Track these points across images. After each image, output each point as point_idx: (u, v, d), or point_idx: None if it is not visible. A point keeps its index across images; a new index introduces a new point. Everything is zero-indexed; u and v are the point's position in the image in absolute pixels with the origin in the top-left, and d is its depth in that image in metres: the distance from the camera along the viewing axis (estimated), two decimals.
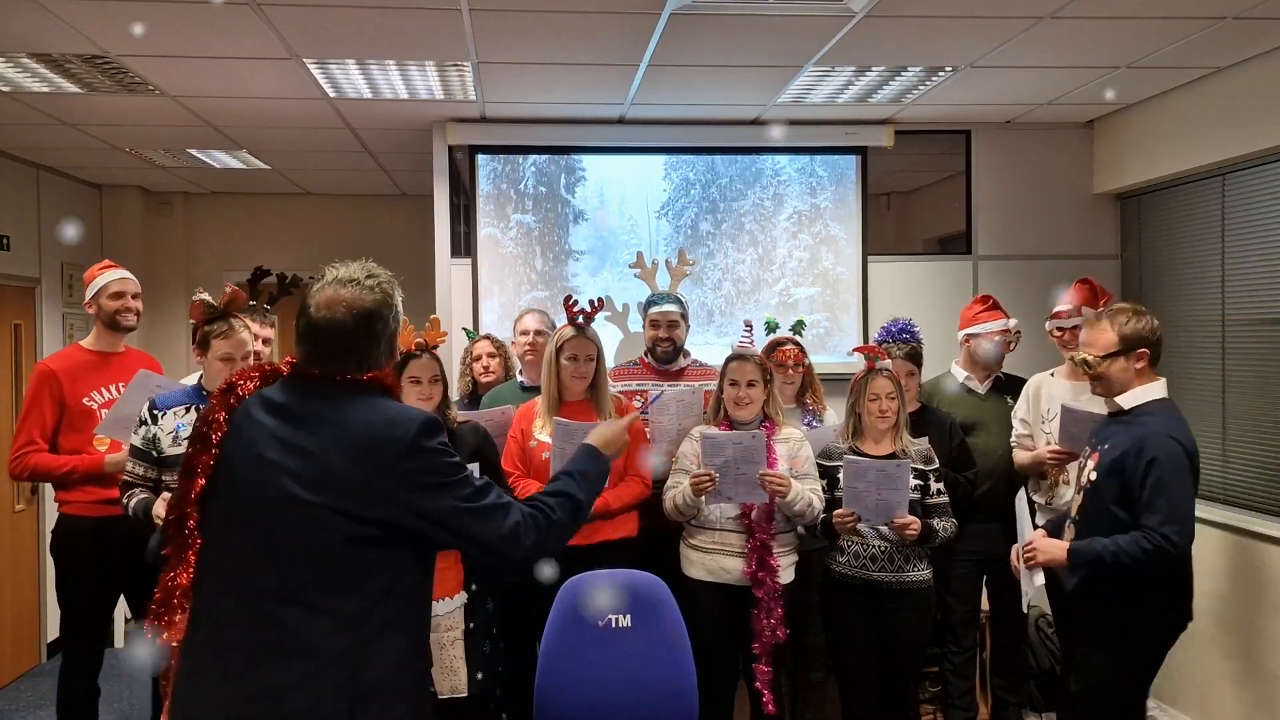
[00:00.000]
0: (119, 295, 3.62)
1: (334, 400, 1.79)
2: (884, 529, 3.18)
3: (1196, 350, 4.28)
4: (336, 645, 1.69)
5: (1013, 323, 3.91)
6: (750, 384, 3.28)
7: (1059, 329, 3.74)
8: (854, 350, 3.63)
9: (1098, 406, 3.11)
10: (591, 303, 3.45)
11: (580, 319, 3.39)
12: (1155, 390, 2.81)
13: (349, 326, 1.83)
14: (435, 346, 3.13)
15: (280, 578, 1.70)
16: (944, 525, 3.23)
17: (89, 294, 3.64)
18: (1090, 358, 2.82)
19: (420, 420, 1.79)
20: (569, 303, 3.43)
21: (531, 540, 1.83)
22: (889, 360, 3.42)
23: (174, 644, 1.81)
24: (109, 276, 3.63)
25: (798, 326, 3.78)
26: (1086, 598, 2.81)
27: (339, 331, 1.82)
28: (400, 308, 1.95)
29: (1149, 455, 2.67)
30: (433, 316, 3.28)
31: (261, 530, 1.73)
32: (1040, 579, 2.90)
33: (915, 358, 3.75)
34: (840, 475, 3.23)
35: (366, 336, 1.85)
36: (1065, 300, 3.77)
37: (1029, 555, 2.90)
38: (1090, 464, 2.86)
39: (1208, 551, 4.02)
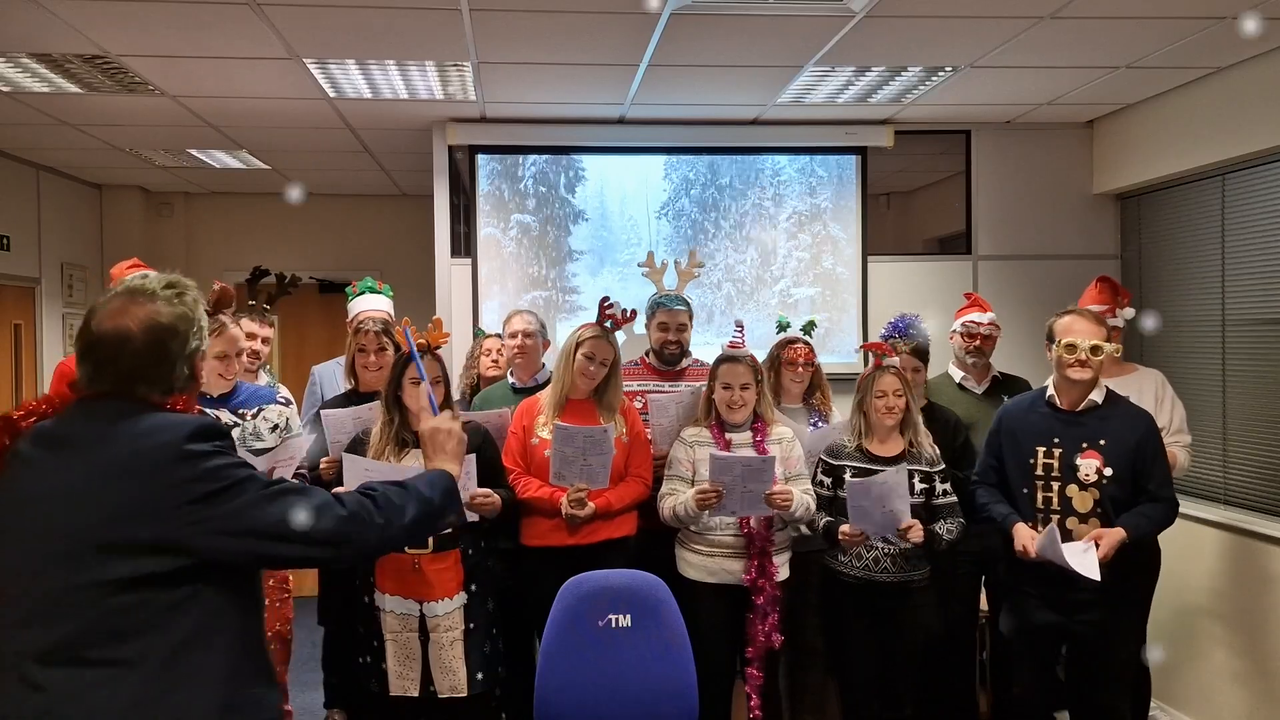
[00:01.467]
0: None
1: (107, 420, 1.57)
2: (890, 536, 3.17)
3: (1196, 350, 4.28)
4: (118, 704, 1.47)
5: (986, 316, 3.90)
6: (744, 387, 3.27)
7: None
8: (861, 347, 3.61)
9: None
10: (624, 311, 3.46)
11: (609, 323, 3.40)
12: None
13: (138, 345, 1.60)
14: (437, 347, 3.13)
15: (43, 633, 1.48)
16: (948, 528, 3.22)
17: None
18: (1100, 344, 2.99)
19: (193, 423, 1.57)
20: (604, 303, 3.45)
21: (339, 515, 1.62)
22: (897, 358, 3.41)
23: None
24: (131, 277, 3.65)
25: (809, 327, 3.76)
26: (1117, 572, 2.94)
27: (124, 350, 1.60)
28: (205, 323, 1.72)
29: (1153, 438, 3.02)
30: (435, 317, 3.28)
31: (22, 580, 1.51)
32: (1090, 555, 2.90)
33: (921, 354, 3.73)
34: (849, 478, 3.21)
35: (159, 357, 1.62)
36: (1087, 299, 3.73)
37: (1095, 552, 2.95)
38: (1093, 462, 2.96)
39: (1208, 552, 4.02)
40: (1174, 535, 4.02)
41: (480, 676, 2.97)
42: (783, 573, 3.28)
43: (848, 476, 3.24)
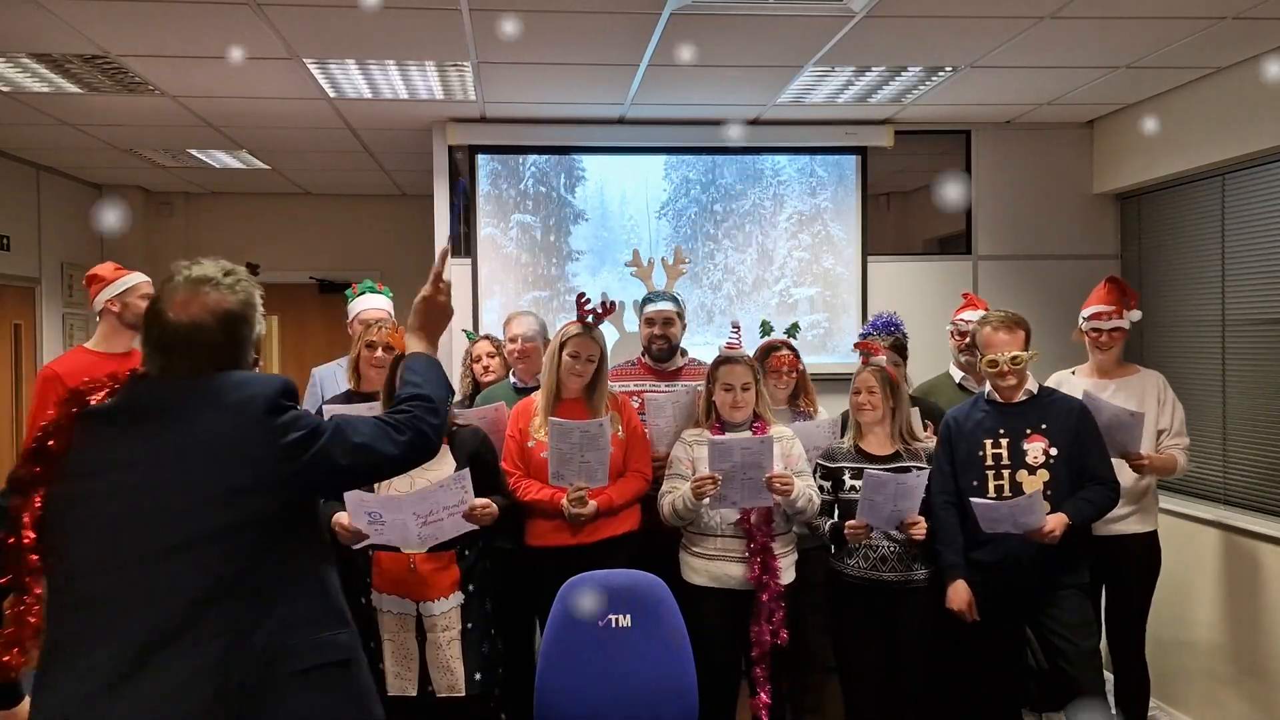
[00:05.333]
0: (148, 297, 3.54)
1: (189, 388, 1.70)
2: (893, 531, 3.19)
3: (1196, 350, 4.28)
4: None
5: (978, 314, 3.89)
6: (744, 387, 3.28)
7: (1095, 330, 3.62)
8: (855, 346, 3.64)
9: (1120, 401, 3.41)
10: (603, 304, 3.45)
11: (590, 318, 3.39)
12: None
13: (215, 333, 1.71)
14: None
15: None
16: None
17: (114, 291, 3.50)
18: (1019, 355, 3.15)
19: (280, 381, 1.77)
20: (581, 299, 3.43)
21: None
22: (882, 355, 3.43)
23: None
24: (138, 278, 3.54)
25: (793, 330, 3.77)
26: (1070, 560, 3.12)
27: (201, 338, 1.70)
28: (262, 308, 1.83)
29: (1088, 421, 3.18)
30: (391, 320, 3.24)
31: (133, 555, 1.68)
32: None
33: (898, 349, 3.78)
34: (848, 479, 3.23)
35: (232, 341, 1.74)
36: (1095, 299, 3.72)
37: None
38: (1039, 445, 3.13)
39: (1208, 552, 4.02)
40: (1174, 535, 4.03)
41: (479, 676, 2.97)
42: (788, 575, 3.28)
43: (847, 479, 3.25)
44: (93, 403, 1.71)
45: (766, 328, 3.76)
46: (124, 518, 1.61)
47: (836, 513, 3.27)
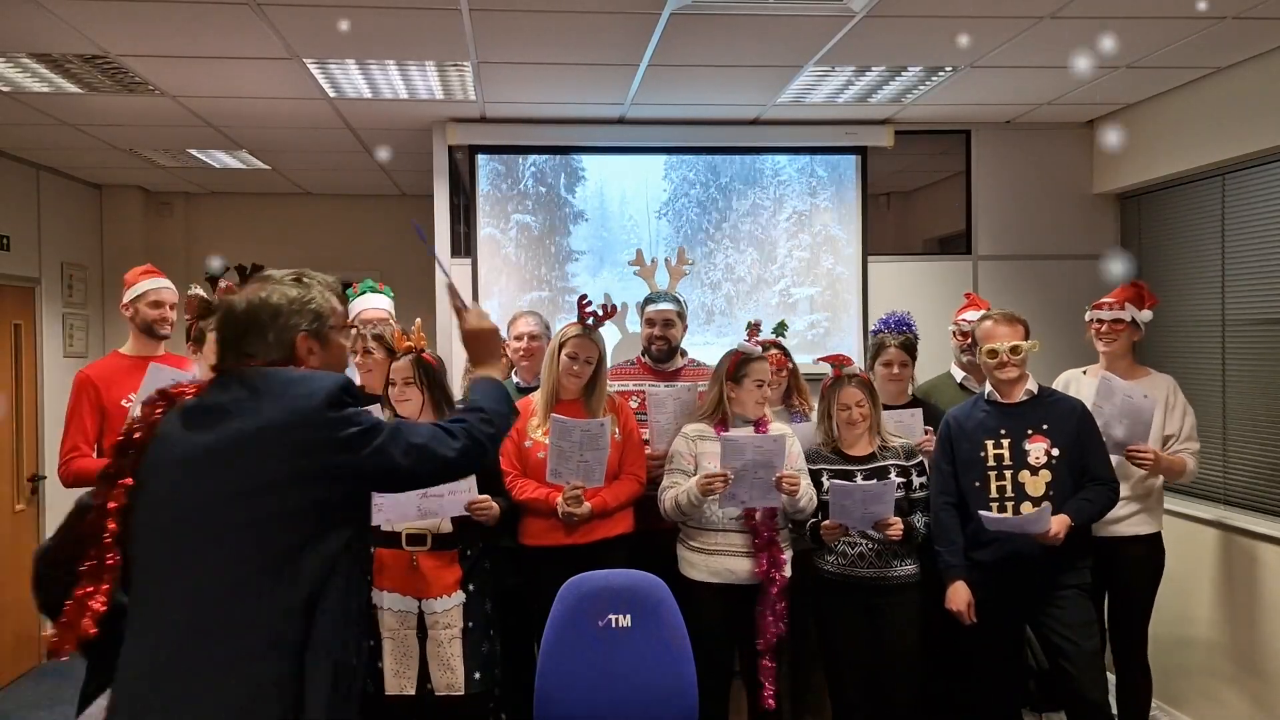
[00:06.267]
0: (158, 304, 3.60)
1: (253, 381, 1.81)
2: (870, 531, 3.21)
3: (1196, 350, 4.28)
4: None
5: (979, 314, 3.90)
6: (770, 384, 3.34)
7: (1099, 320, 3.61)
8: (819, 359, 3.63)
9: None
10: (604, 307, 3.46)
11: (590, 320, 3.40)
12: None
13: (237, 316, 1.86)
14: (421, 350, 3.14)
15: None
16: (925, 521, 3.27)
17: (128, 297, 3.61)
18: (1019, 344, 3.16)
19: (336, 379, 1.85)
20: (583, 301, 3.43)
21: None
22: (855, 366, 3.46)
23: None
24: (151, 284, 3.62)
25: (780, 329, 3.77)
26: (1071, 560, 3.12)
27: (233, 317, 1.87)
28: (319, 306, 1.92)
29: (1089, 422, 3.19)
30: (417, 320, 3.26)
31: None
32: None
33: (910, 349, 3.79)
34: (826, 481, 3.25)
35: (254, 326, 1.86)
36: (1111, 294, 3.71)
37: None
38: (1040, 445, 3.13)
39: (1208, 552, 4.02)
40: (1174, 535, 4.03)
41: (478, 676, 2.97)
42: (787, 570, 3.29)
43: (825, 480, 3.27)
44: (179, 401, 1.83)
45: (754, 327, 3.76)
46: (185, 510, 1.70)
47: (819, 513, 3.28)
